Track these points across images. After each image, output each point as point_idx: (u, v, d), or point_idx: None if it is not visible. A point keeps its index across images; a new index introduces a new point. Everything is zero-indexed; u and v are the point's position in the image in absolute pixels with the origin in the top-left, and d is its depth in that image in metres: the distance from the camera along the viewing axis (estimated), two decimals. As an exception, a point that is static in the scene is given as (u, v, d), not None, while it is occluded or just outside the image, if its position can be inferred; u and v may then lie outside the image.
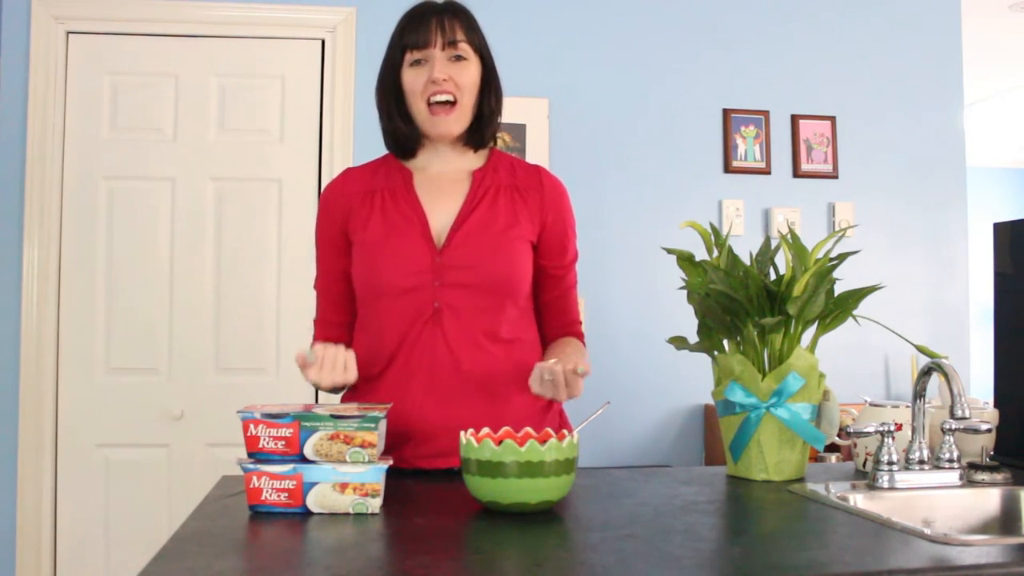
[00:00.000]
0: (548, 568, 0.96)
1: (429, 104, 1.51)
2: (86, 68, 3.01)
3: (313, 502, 1.21)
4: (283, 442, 1.22)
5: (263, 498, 1.21)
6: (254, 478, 1.21)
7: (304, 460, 1.22)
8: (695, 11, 3.30)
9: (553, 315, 1.62)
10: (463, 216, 1.52)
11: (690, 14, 3.30)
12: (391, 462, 1.25)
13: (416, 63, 1.51)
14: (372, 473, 1.21)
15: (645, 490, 1.38)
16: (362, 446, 1.22)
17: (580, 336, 1.64)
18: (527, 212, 1.55)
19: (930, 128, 3.42)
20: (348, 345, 1.58)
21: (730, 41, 3.32)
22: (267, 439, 1.23)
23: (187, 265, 3.02)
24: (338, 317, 1.61)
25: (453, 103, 1.51)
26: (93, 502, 2.93)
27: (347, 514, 1.21)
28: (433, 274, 1.49)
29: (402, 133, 1.56)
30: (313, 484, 1.21)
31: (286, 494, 1.21)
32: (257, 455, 1.22)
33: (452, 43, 1.50)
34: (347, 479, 1.21)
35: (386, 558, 1.00)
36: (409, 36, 1.51)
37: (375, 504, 1.21)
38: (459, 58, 1.51)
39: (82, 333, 2.96)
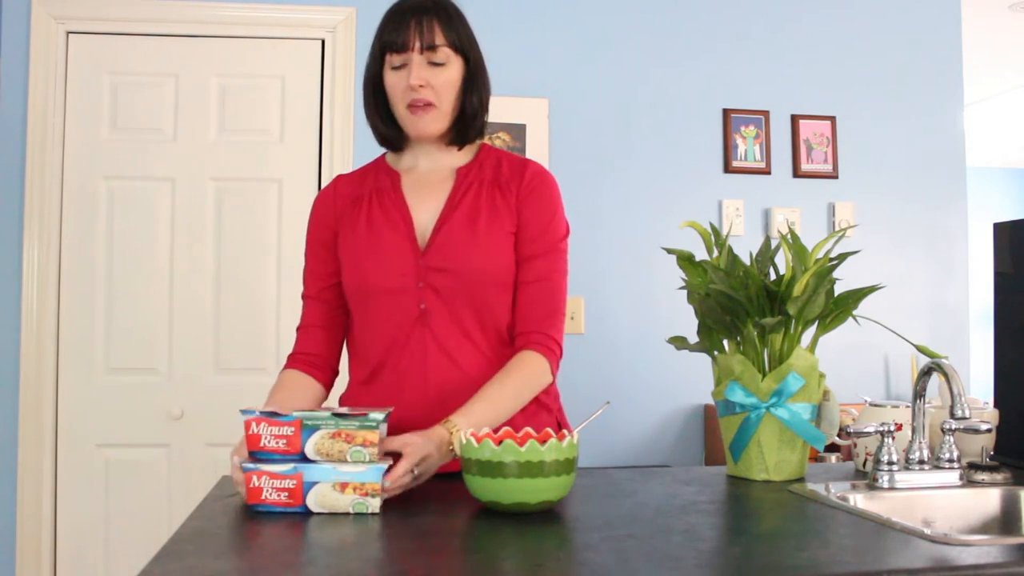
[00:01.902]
0: (548, 568, 0.96)
1: (408, 106, 1.51)
2: (86, 68, 3.01)
3: (313, 502, 1.21)
4: (284, 441, 1.22)
5: (263, 497, 1.21)
6: (254, 477, 1.21)
7: (305, 459, 1.22)
8: (695, 11, 3.30)
9: (524, 305, 1.53)
10: (445, 215, 1.52)
11: (690, 14, 3.30)
12: (391, 462, 1.25)
13: (396, 67, 1.50)
14: (372, 473, 1.21)
15: (645, 490, 1.38)
16: (363, 445, 1.22)
17: (543, 345, 1.51)
18: (505, 204, 1.53)
19: (930, 128, 3.42)
20: (329, 350, 1.59)
21: (730, 41, 3.32)
22: (268, 438, 1.22)
23: (187, 265, 3.02)
24: (325, 320, 1.60)
25: (431, 106, 1.50)
26: (93, 502, 2.93)
27: (347, 514, 1.21)
28: (417, 276, 1.49)
29: (385, 134, 1.56)
30: (313, 484, 1.20)
31: (286, 494, 1.20)
32: (258, 454, 1.22)
33: (431, 47, 1.48)
34: (347, 479, 1.20)
35: (386, 558, 1.00)
36: (388, 36, 1.50)
37: (375, 504, 1.21)
38: (437, 63, 1.49)
39: (82, 333, 2.96)
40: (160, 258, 3.01)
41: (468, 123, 1.56)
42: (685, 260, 1.53)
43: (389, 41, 1.49)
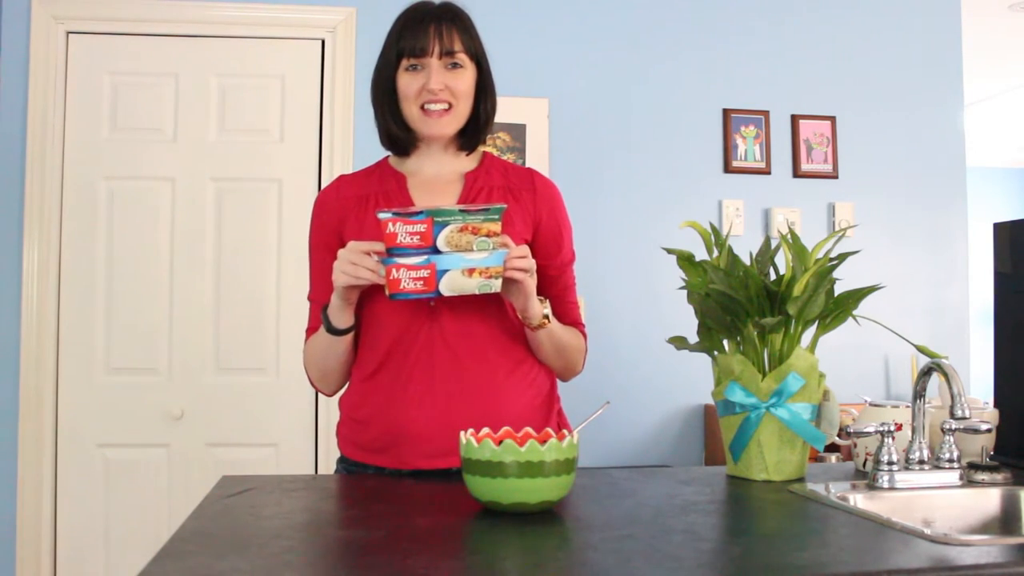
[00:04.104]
0: (548, 568, 0.96)
1: (423, 108, 1.52)
2: (86, 68, 3.01)
3: (445, 287, 1.37)
4: (418, 236, 1.37)
5: (401, 287, 1.36)
6: (393, 270, 1.36)
7: (436, 251, 1.36)
8: (695, 11, 3.30)
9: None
10: None
11: (690, 14, 3.30)
12: (510, 247, 1.39)
13: (412, 68, 1.52)
14: (495, 258, 1.37)
15: (645, 490, 1.38)
16: (487, 235, 1.37)
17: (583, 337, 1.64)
18: (520, 211, 1.56)
19: (930, 128, 3.42)
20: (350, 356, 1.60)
21: (730, 41, 3.32)
22: (404, 235, 1.37)
23: (187, 265, 3.02)
24: None
25: (448, 108, 1.52)
26: (93, 502, 2.93)
27: (472, 295, 1.38)
28: None
29: (396, 135, 1.57)
30: (445, 271, 1.36)
31: (421, 282, 1.36)
32: (394, 250, 1.36)
33: (449, 52, 1.51)
34: (474, 264, 1.36)
35: (386, 558, 1.00)
36: (406, 42, 1.51)
37: (497, 284, 1.38)
38: (455, 66, 1.52)
39: (82, 333, 2.96)
40: (160, 258, 3.01)
41: (479, 129, 1.58)
42: (685, 260, 1.53)
43: (408, 46, 1.51)
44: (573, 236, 1.64)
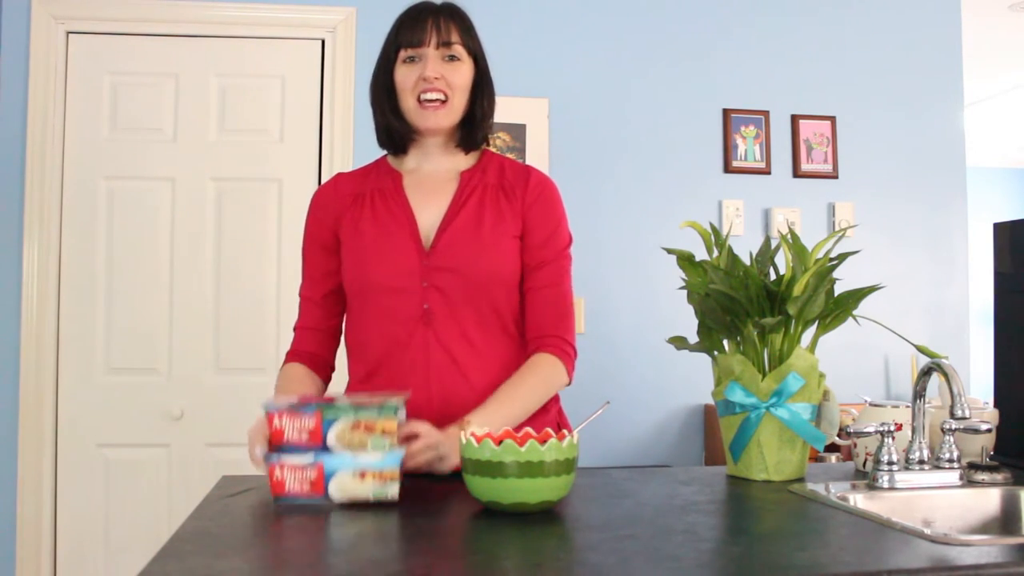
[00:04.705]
0: (548, 568, 0.96)
1: (419, 100, 1.52)
2: (86, 68, 3.01)
3: (335, 490, 1.24)
4: (307, 433, 1.25)
5: (287, 489, 1.24)
6: (277, 470, 1.23)
7: (327, 450, 1.25)
8: (695, 11, 3.30)
9: (535, 310, 1.56)
10: (450, 217, 1.53)
11: (690, 14, 3.30)
12: (408, 447, 1.30)
13: (409, 60, 1.53)
14: (390, 459, 1.24)
15: (645, 490, 1.38)
16: (383, 433, 1.25)
17: (557, 348, 1.54)
18: (510, 208, 1.55)
19: (930, 128, 3.42)
20: (327, 351, 1.63)
21: (730, 41, 3.32)
22: (292, 431, 1.25)
23: (187, 265, 3.02)
24: (323, 323, 1.62)
25: (444, 101, 1.52)
26: (93, 502, 2.93)
27: (366, 503, 1.24)
28: (421, 275, 1.50)
29: (394, 129, 1.57)
30: (334, 473, 1.23)
31: (308, 484, 1.23)
32: (282, 447, 1.25)
33: (446, 43, 1.52)
34: (367, 467, 1.23)
35: (387, 558, 1.00)
36: (404, 34, 1.52)
37: (394, 490, 1.24)
38: (452, 58, 1.53)
39: (82, 333, 2.96)
40: (160, 258, 3.01)
41: (476, 126, 1.58)
42: (685, 260, 1.53)
43: (405, 39, 1.52)
44: (570, 232, 1.62)
